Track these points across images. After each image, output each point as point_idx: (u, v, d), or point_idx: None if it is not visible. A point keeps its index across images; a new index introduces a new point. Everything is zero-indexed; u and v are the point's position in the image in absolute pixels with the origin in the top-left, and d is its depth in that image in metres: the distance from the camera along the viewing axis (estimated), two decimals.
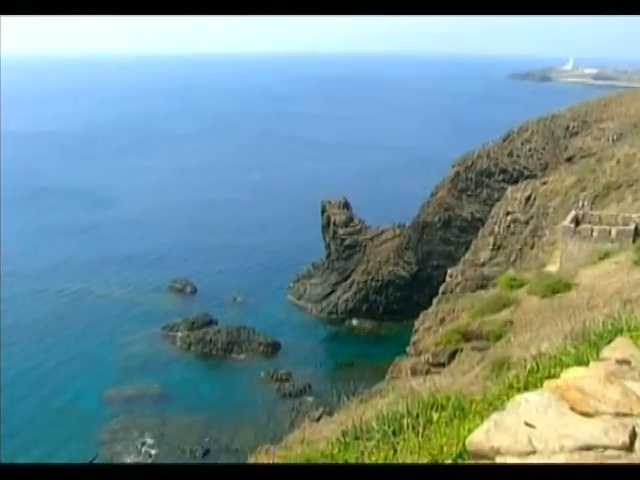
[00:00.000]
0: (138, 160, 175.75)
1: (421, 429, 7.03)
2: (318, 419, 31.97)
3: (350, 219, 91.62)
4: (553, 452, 3.78)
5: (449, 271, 65.60)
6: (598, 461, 3.68)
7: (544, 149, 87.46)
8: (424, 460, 6.10)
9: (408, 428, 7.17)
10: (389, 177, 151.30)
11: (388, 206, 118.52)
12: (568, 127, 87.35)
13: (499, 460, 3.82)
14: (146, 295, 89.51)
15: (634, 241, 31.05)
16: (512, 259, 60.14)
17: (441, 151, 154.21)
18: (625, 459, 3.69)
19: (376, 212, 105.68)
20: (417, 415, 7.34)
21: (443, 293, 59.11)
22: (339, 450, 7.70)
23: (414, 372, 28.03)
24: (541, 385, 4.56)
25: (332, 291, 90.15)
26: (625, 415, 4.03)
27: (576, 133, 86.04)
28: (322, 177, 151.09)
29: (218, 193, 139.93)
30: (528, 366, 7.33)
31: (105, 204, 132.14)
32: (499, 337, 23.48)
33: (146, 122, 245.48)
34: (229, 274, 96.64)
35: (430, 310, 43.47)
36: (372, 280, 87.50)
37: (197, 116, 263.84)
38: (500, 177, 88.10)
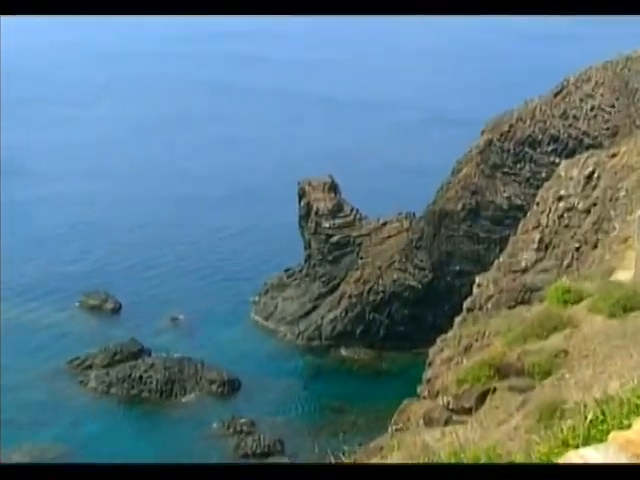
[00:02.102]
0: (44, 118, 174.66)
1: None
2: None
3: (339, 207, 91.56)
4: None
5: (477, 280, 65.80)
6: None
7: (613, 107, 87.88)
8: None
9: None
10: (395, 147, 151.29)
11: (392, 188, 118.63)
12: None
13: None
14: (47, 315, 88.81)
15: None
16: (566, 263, 60.43)
17: (466, 110, 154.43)
18: None
19: (375, 197, 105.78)
20: None
21: (469, 310, 59.33)
22: None
23: (428, 421, 28.17)
24: (607, 439, 4.61)
25: (314, 308, 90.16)
26: None
27: None
28: (302, 147, 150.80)
29: (158, 179, 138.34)
30: (590, 414, 7.39)
31: (14, 177, 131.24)
32: (548, 373, 23.63)
33: (51, 65, 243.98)
34: (167, 281, 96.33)
35: (450, 334, 43.61)
36: (369, 292, 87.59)
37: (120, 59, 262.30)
38: (550, 147, 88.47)
